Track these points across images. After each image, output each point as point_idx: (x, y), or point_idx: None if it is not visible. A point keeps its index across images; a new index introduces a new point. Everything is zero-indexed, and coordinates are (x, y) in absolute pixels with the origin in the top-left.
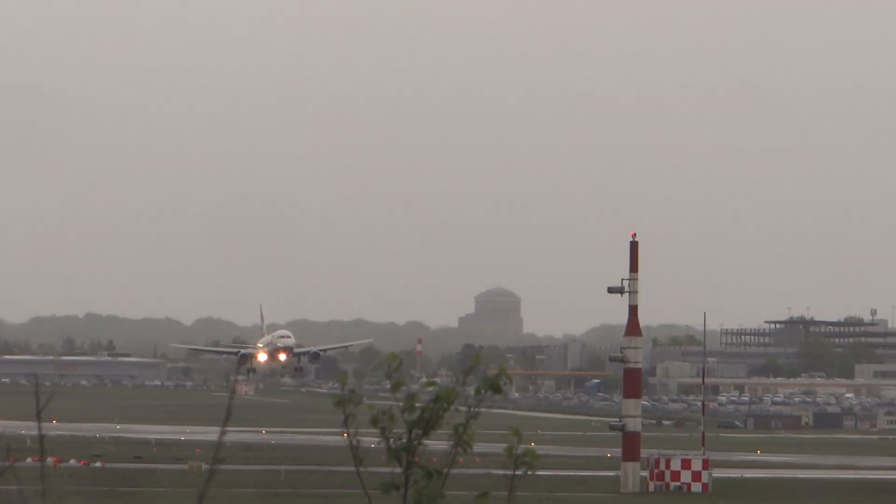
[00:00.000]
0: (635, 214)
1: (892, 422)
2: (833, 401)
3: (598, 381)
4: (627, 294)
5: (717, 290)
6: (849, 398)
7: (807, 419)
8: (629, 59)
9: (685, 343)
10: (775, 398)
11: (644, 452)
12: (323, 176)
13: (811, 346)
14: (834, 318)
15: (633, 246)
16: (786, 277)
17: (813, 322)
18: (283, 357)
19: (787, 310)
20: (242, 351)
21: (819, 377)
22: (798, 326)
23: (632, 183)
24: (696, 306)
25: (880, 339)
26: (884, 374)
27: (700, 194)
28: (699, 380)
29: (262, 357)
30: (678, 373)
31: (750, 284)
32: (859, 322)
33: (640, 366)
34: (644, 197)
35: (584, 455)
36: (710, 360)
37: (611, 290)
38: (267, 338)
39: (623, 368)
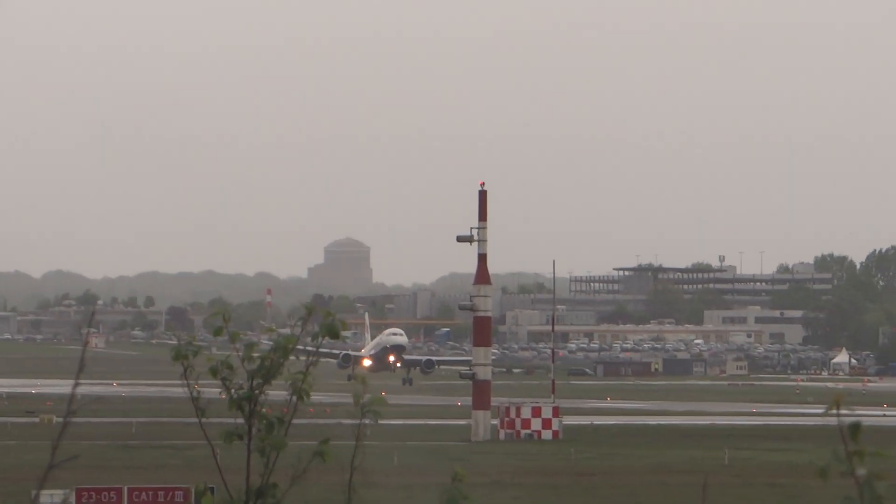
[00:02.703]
0: (484, 163)
1: (740, 367)
2: (682, 347)
3: (448, 329)
4: (476, 243)
5: (566, 237)
6: (698, 344)
7: (656, 365)
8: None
9: (534, 291)
10: (625, 345)
11: (494, 401)
12: (173, 127)
13: (660, 292)
14: (682, 265)
15: (482, 195)
16: (635, 225)
17: (661, 269)
18: (392, 359)
19: (635, 257)
20: (344, 352)
21: (668, 323)
22: (647, 273)
23: (480, 132)
24: (544, 254)
25: (729, 286)
26: (732, 320)
27: (547, 142)
28: (549, 327)
29: (368, 363)
30: (528, 321)
31: (599, 232)
32: (708, 268)
33: (489, 314)
34: (492, 146)
35: (434, 404)
36: (559, 307)
37: (460, 239)
38: (376, 340)
39: (473, 317)
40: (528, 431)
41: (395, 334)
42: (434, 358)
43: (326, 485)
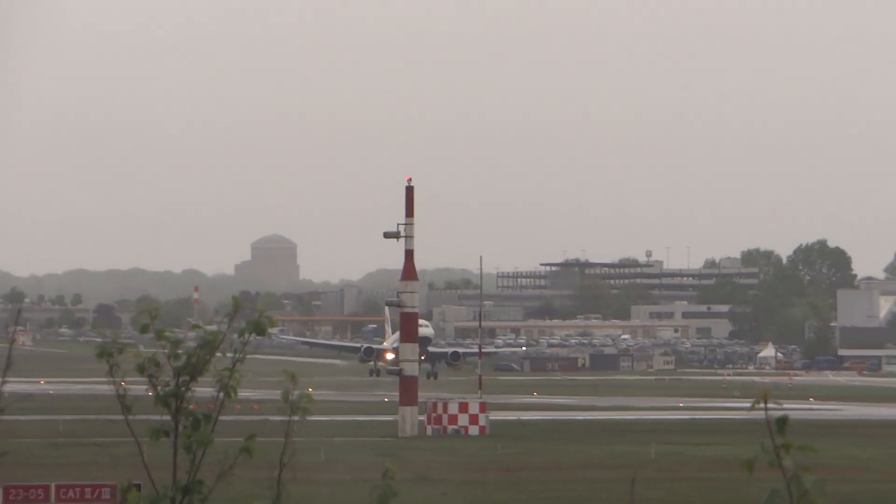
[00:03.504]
0: (410, 159)
1: (667, 362)
2: (609, 342)
3: (375, 325)
4: (403, 239)
5: (493, 233)
6: (625, 339)
7: (583, 361)
8: None
9: (461, 287)
10: (552, 340)
11: (421, 396)
12: (99, 122)
13: (587, 287)
14: (609, 260)
15: (409, 191)
16: (561, 220)
17: (588, 264)
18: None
19: (562, 252)
20: (366, 345)
21: (595, 319)
22: (574, 268)
23: (405, 127)
24: (471, 250)
25: (655, 281)
26: (659, 315)
27: (475, 138)
28: (476, 323)
29: (391, 356)
30: (455, 316)
31: (526, 227)
32: (634, 263)
33: (416, 310)
34: (418, 141)
35: (361, 400)
36: (486, 303)
37: (387, 235)
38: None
39: (400, 313)
40: (455, 427)
41: (420, 325)
42: (461, 350)
43: (254, 481)
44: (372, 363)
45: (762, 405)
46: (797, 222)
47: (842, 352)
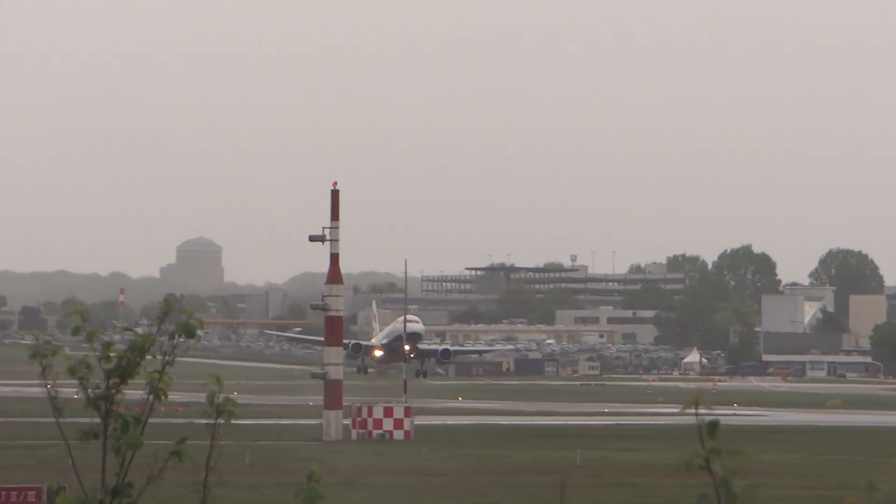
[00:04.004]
0: (337, 163)
1: (592, 367)
2: (534, 347)
3: (300, 329)
4: (329, 242)
5: (419, 237)
6: (550, 344)
7: (508, 365)
8: None
9: (386, 290)
10: (476, 345)
11: (346, 400)
12: (24, 125)
13: (512, 292)
14: (534, 265)
15: (334, 194)
16: (487, 224)
17: (514, 269)
18: (407, 347)
19: (487, 256)
20: (354, 342)
21: (520, 323)
22: (499, 273)
23: (332, 130)
24: (396, 254)
25: (581, 285)
26: (584, 320)
27: (400, 142)
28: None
29: (379, 353)
30: (380, 320)
31: (451, 231)
32: (560, 268)
33: (341, 314)
34: (345, 144)
35: (286, 403)
36: (411, 307)
37: (312, 239)
38: (388, 328)
39: (325, 316)
40: (380, 431)
41: (410, 321)
42: (451, 347)
43: (181, 484)
44: (360, 360)
45: (693, 410)
46: (723, 228)
47: (766, 357)
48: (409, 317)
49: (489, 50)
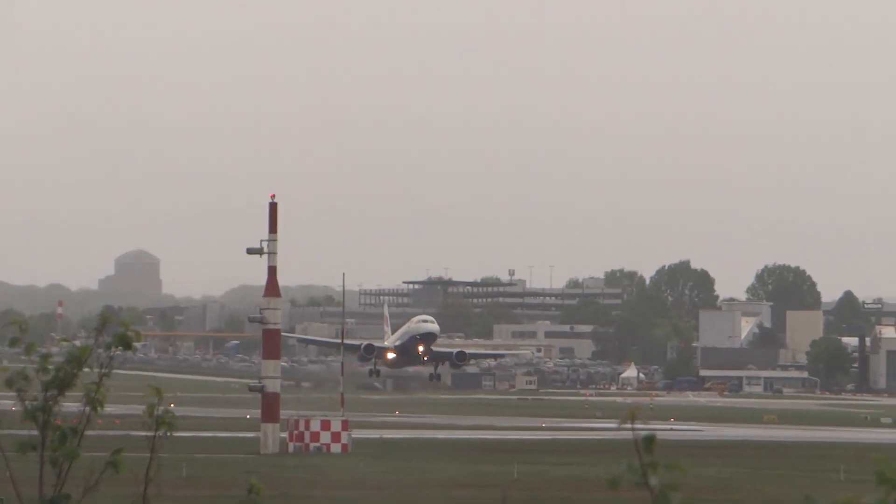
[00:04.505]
0: (274, 176)
1: (530, 382)
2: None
3: (237, 342)
4: (266, 255)
5: (357, 250)
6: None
7: (446, 380)
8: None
9: (324, 304)
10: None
11: (283, 414)
12: None
13: (450, 306)
14: (472, 279)
15: (272, 207)
16: (424, 238)
17: (451, 282)
18: (421, 349)
19: (425, 270)
20: (367, 343)
21: (458, 337)
22: (436, 287)
23: (269, 143)
24: (334, 267)
25: (518, 300)
26: (522, 335)
27: (338, 154)
28: (338, 340)
29: (392, 355)
30: (317, 333)
31: (389, 245)
32: (497, 282)
33: (278, 326)
34: (282, 157)
35: (223, 416)
36: (349, 320)
37: (250, 251)
38: (402, 329)
39: (262, 329)
40: (318, 444)
41: (425, 321)
42: (467, 350)
43: (120, 496)
44: (372, 362)
45: (630, 424)
46: (661, 243)
47: (703, 372)
48: (424, 317)
49: (421, 62)
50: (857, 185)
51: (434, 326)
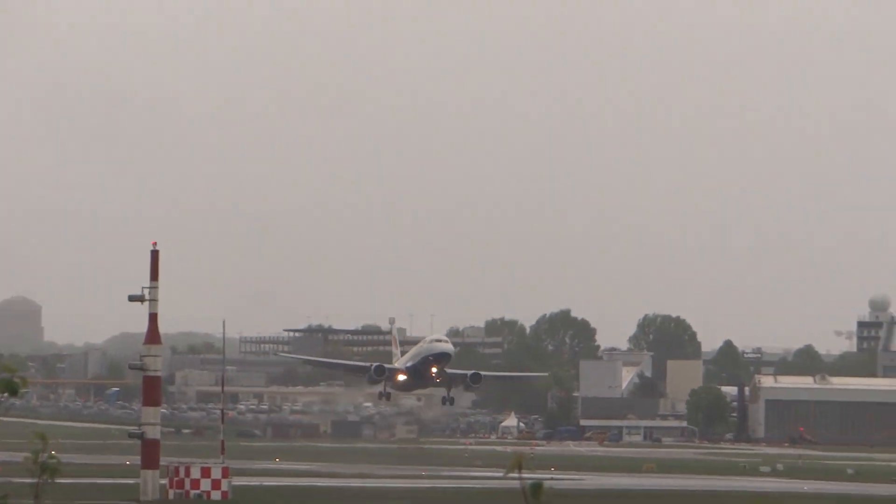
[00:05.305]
0: (155, 221)
1: (410, 430)
2: (352, 409)
3: (118, 389)
4: (148, 302)
5: (237, 298)
6: (367, 406)
7: (325, 428)
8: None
9: (204, 351)
10: (294, 407)
11: (163, 460)
12: None
13: (330, 354)
14: (352, 327)
15: (154, 254)
16: (305, 286)
17: (332, 330)
18: (434, 370)
19: (306, 318)
20: (377, 364)
21: (338, 385)
22: (317, 334)
23: (151, 188)
24: (215, 314)
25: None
26: None
27: (218, 204)
28: (218, 388)
29: (403, 377)
30: (197, 381)
31: (270, 292)
32: (377, 331)
33: (159, 373)
34: (165, 204)
35: (103, 463)
36: (229, 368)
37: (131, 299)
38: (415, 349)
39: (142, 376)
40: (198, 491)
41: (439, 340)
42: (482, 372)
43: None
44: (383, 385)
45: (516, 472)
46: (541, 292)
47: (583, 422)
48: (438, 336)
49: (317, 111)
50: (737, 236)
51: (449, 346)
